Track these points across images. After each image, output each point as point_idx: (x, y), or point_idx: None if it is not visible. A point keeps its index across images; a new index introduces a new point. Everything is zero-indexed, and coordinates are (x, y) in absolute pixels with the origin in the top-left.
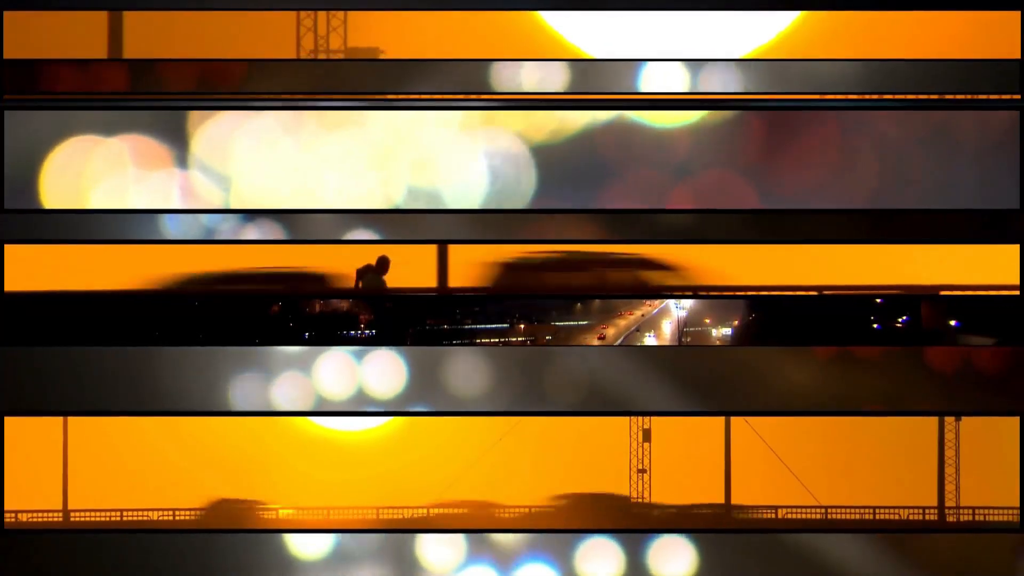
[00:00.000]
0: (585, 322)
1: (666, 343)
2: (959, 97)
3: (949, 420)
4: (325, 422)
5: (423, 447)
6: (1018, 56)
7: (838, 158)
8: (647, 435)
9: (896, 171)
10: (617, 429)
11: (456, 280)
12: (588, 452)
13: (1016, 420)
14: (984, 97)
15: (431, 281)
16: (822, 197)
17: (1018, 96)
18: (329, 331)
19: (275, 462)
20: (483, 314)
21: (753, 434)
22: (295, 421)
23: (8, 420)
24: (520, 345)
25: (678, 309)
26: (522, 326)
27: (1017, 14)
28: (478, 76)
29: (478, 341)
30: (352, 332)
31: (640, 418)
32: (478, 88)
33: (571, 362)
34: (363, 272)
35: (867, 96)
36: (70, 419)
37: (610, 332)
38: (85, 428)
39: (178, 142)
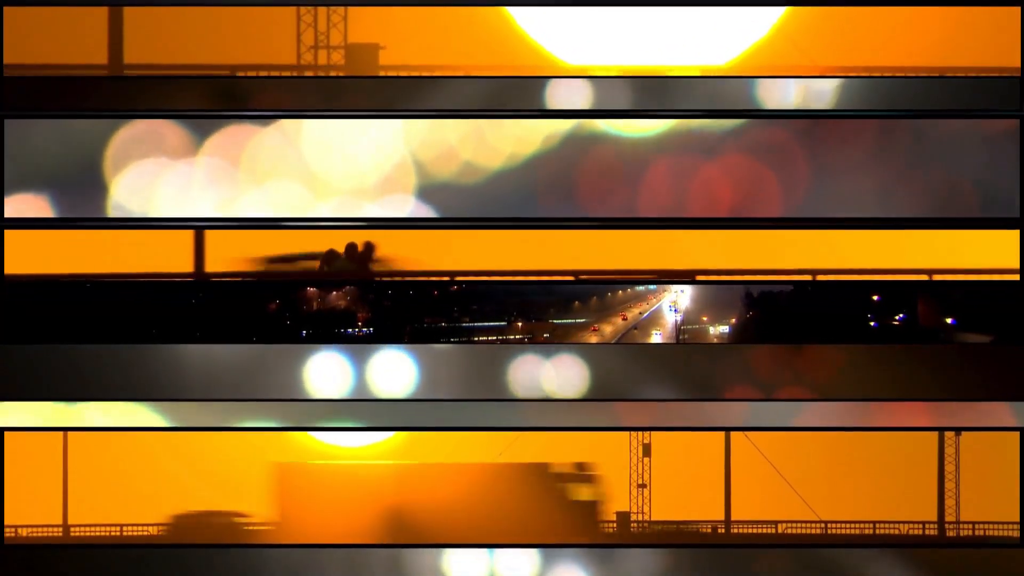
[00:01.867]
0: (582, 319)
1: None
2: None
3: (949, 434)
4: (325, 437)
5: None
6: (1015, 55)
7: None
8: (647, 450)
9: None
10: (617, 444)
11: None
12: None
13: (1016, 435)
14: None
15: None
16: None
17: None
18: (326, 329)
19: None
20: (480, 312)
21: (753, 448)
22: (296, 436)
23: (8, 435)
24: (518, 343)
25: (673, 313)
26: (520, 324)
27: (1016, 10)
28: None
29: (476, 339)
30: (349, 330)
31: (640, 433)
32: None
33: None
34: (329, 258)
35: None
36: (70, 434)
37: (607, 330)
38: (85, 442)
39: None
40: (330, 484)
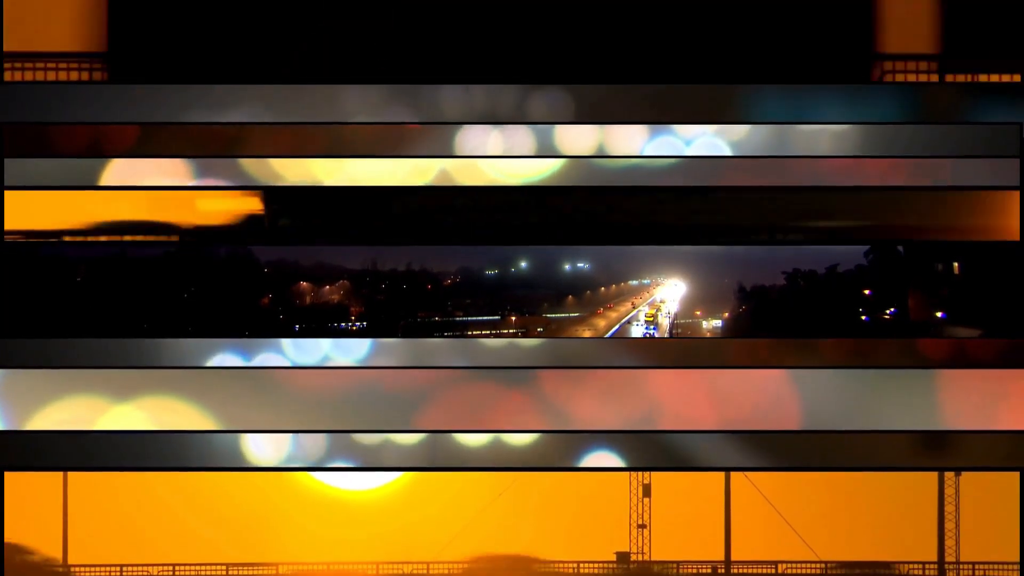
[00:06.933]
0: (576, 314)
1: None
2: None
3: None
4: (329, 479)
5: (427, 505)
6: None
7: None
8: (647, 490)
9: None
10: (617, 484)
11: None
12: (588, 507)
13: (1016, 475)
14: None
15: None
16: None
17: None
18: (320, 323)
19: (279, 518)
20: (474, 306)
21: (753, 489)
22: (299, 477)
23: (8, 475)
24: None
25: (649, 329)
26: (514, 318)
27: None
28: None
29: (469, 333)
30: (343, 325)
31: (640, 473)
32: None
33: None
34: None
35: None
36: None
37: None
38: (86, 481)
39: None
40: None
